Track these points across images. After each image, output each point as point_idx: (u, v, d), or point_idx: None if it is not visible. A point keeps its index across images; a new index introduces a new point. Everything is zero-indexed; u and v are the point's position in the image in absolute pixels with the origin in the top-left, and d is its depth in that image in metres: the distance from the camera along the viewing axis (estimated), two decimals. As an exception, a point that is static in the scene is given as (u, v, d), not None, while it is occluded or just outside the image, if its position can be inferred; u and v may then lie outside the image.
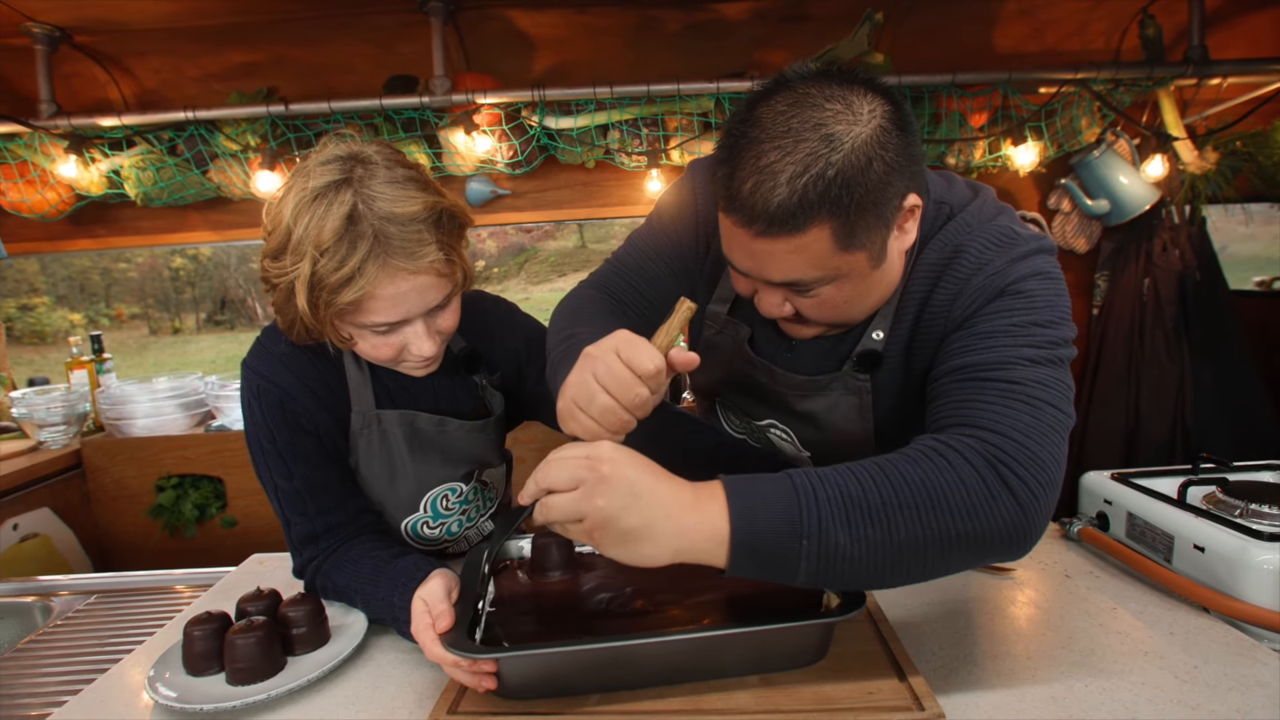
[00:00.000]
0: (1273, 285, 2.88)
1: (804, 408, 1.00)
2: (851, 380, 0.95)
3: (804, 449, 1.06)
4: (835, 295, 0.82)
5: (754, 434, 1.14)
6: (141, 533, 2.43)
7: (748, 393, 1.07)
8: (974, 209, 0.88)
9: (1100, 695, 0.75)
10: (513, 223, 2.67)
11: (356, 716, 0.79)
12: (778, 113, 0.74)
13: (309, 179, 0.85)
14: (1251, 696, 0.73)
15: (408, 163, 0.91)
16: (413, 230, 0.85)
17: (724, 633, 0.75)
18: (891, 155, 0.74)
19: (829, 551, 0.66)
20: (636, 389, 0.70)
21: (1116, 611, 0.92)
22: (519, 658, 0.74)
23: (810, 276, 0.79)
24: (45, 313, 13.36)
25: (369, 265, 0.84)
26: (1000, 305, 0.80)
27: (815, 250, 0.76)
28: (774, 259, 0.78)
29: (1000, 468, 0.69)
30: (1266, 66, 2.31)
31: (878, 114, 0.74)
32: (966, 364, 0.78)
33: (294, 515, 0.99)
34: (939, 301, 0.85)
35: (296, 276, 0.85)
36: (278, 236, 0.86)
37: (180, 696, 0.82)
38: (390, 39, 2.40)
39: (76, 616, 1.18)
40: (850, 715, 0.70)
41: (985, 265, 0.82)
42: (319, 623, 0.93)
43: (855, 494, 0.67)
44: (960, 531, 0.67)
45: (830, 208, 0.73)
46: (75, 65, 2.37)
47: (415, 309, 0.90)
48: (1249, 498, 1.00)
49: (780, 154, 0.73)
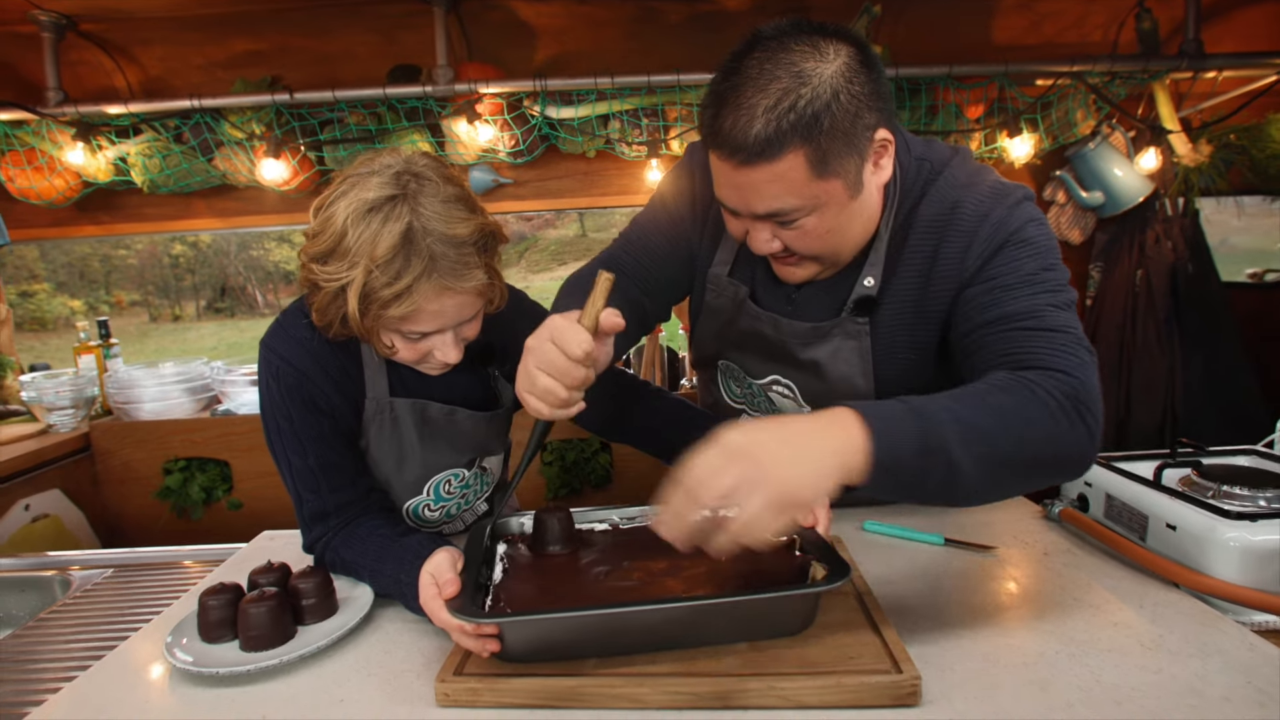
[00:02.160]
0: (1265, 277, 2.92)
1: (807, 356, 1.05)
2: (851, 325, 1.01)
3: (805, 403, 1.11)
4: (818, 225, 0.90)
5: (754, 398, 1.19)
6: (149, 514, 2.48)
7: (751, 349, 1.13)
8: (959, 165, 0.97)
9: (1068, 661, 0.79)
10: (514, 211, 2.71)
11: (367, 679, 0.84)
12: (754, 60, 0.84)
13: (365, 189, 0.89)
14: (1210, 662, 0.78)
15: (454, 179, 0.96)
16: (464, 253, 0.91)
17: (716, 601, 0.79)
18: (857, 89, 0.83)
19: (948, 463, 0.73)
20: (571, 370, 0.80)
21: (1091, 587, 0.96)
22: (521, 623, 0.78)
23: (790, 205, 0.87)
24: (45, 299, 13.38)
25: (421, 283, 0.89)
26: (1010, 255, 0.90)
27: (792, 178, 0.85)
28: (756, 189, 0.87)
29: (1075, 401, 0.79)
30: (1261, 60, 2.34)
31: (843, 54, 0.83)
32: (1004, 314, 0.88)
33: (306, 492, 1.03)
34: (950, 253, 0.93)
35: (349, 283, 0.89)
36: (327, 240, 0.90)
37: (196, 661, 0.87)
38: (393, 28, 2.42)
39: (95, 589, 1.22)
40: (832, 677, 0.74)
41: (987, 215, 0.92)
42: (327, 594, 0.98)
43: (967, 419, 0.75)
44: (1048, 455, 0.78)
45: (802, 134, 0.82)
46: (81, 53, 2.39)
47: (451, 322, 0.96)
48: (1221, 480, 1.04)
49: (756, 91, 0.82)
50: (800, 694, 0.73)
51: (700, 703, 0.74)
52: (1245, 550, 0.90)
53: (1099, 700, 0.72)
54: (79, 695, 0.84)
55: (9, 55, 2.39)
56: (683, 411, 1.20)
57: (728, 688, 0.74)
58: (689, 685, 0.75)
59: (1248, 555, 0.90)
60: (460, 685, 0.77)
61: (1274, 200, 2.71)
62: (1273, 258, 2.94)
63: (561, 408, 0.82)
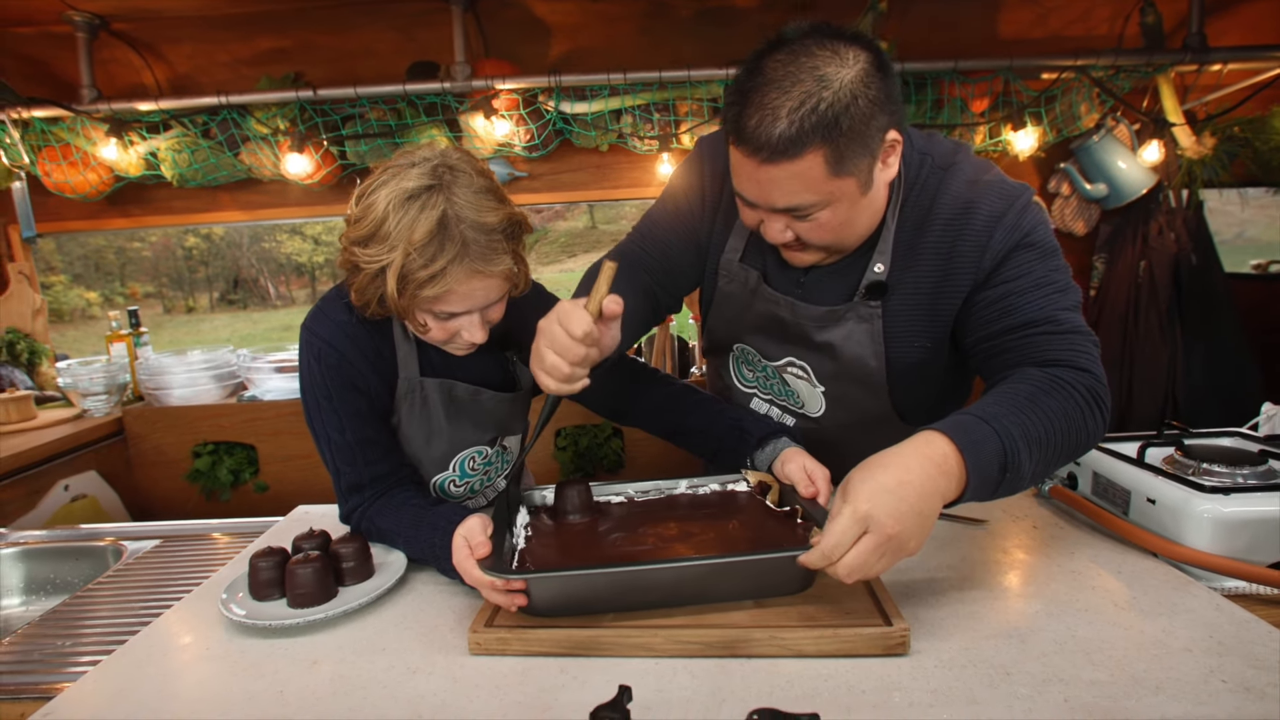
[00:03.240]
0: (1269, 269, 2.95)
1: (823, 338, 1.12)
2: (864, 308, 1.08)
3: (819, 383, 1.18)
4: (831, 219, 0.96)
5: (768, 380, 1.25)
6: (180, 495, 2.58)
7: (768, 332, 1.19)
8: (965, 162, 1.05)
9: (1046, 618, 0.86)
10: (529, 203, 2.78)
11: (404, 632, 0.92)
12: (778, 62, 0.89)
13: (405, 179, 0.97)
14: (1177, 620, 0.85)
15: (485, 171, 1.04)
16: (493, 240, 0.99)
17: (724, 560, 0.86)
18: (874, 93, 0.89)
19: (1018, 477, 0.85)
20: (573, 348, 0.88)
21: (1074, 555, 1.03)
22: (546, 579, 0.86)
23: (807, 201, 0.94)
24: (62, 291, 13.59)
25: (453, 267, 0.97)
26: (1021, 258, 0.99)
27: (811, 175, 0.91)
28: (776, 184, 0.93)
29: (1095, 396, 0.92)
30: (1264, 54, 2.37)
31: (861, 59, 0.89)
32: (1024, 321, 0.98)
33: (344, 465, 1.11)
34: (965, 251, 1.01)
35: (388, 265, 0.97)
36: (368, 225, 0.98)
37: (249, 615, 0.95)
38: (412, 25, 2.49)
39: (146, 558, 1.32)
40: (830, 630, 0.82)
41: (1000, 218, 0.99)
42: (365, 558, 1.06)
43: (1032, 430, 0.86)
44: (1079, 447, 0.93)
45: (822, 136, 0.87)
46: (113, 51, 2.48)
47: (479, 304, 1.04)
48: (1202, 458, 1.10)
49: (780, 93, 0.88)
50: (800, 644, 0.81)
51: (708, 651, 0.82)
52: (1217, 521, 0.96)
53: (1071, 651, 0.79)
54: (145, 645, 0.93)
55: (45, 54, 2.49)
56: (690, 395, 1.27)
57: (734, 637, 0.82)
58: (698, 635, 0.82)
59: (1219, 526, 0.96)
60: (490, 635, 0.85)
61: (1277, 192, 2.74)
62: (1276, 249, 2.96)
63: (565, 383, 0.90)
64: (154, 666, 0.87)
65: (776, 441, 1.14)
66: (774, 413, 1.27)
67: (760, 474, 1.12)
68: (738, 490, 1.13)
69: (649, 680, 0.78)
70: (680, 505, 1.10)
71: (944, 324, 1.06)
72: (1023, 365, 0.96)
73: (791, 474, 1.06)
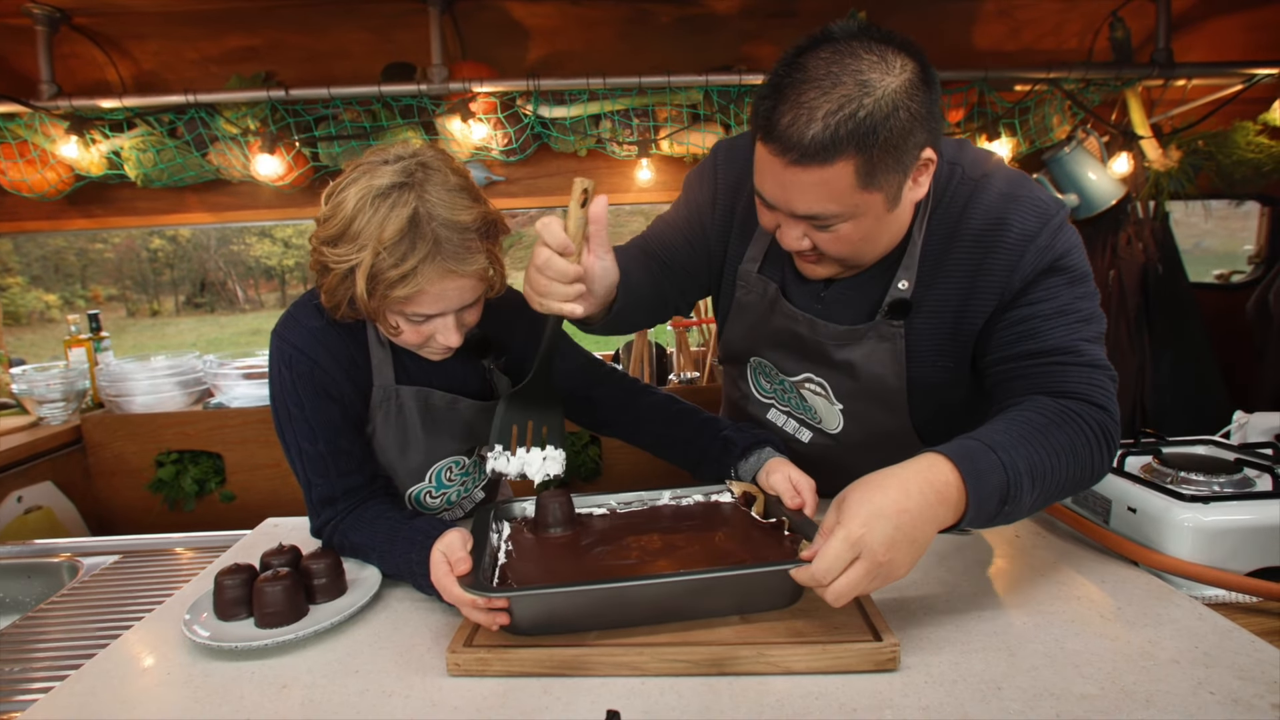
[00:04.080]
0: (1231, 278, 3.03)
1: (842, 357, 1.09)
2: (886, 328, 1.04)
3: (837, 400, 1.14)
4: (852, 233, 0.92)
5: (785, 393, 1.22)
6: (141, 506, 2.49)
7: (786, 347, 1.16)
8: (998, 174, 1.00)
9: (1034, 630, 0.86)
10: (506, 208, 2.74)
11: (379, 652, 0.88)
12: (820, 59, 0.84)
13: (376, 177, 0.93)
14: (1162, 630, 0.85)
15: (460, 169, 1.01)
16: (467, 238, 0.96)
17: (712, 575, 0.84)
18: (916, 107, 0.85)
19: (1016, 509, 0.84)
20: (553, 261, 0.85)
21: (1057, 565, 1.03)
22: (529, 597, 0.83)
23: (830, 211, 0.89)
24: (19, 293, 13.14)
25: (425, 266, 0.93)
26: (1050, 282, 0.95)
27: (838, 185, 0.86)
28: (801, 189, 0.88)
29: (1106, 434, 0.91)
30: (1228, 70, 2.44)
31: (908, 69, 0.84)
32: (1043, 349, 0.95)
33: (316, 477, 1.07)
34: (994, 268, 0.97)
35: (357, 265, 0.94)
36: (337, 224, 0.94)
37: (213, 636, 0.91)
38: (388, 26, 2.45)
39: (103, 575, 1.25)
40: (819, 646, 0.80)
41: (1033, 238, 0.95)
42: (338, 574, 1.02)
43: (1038, 464, 0.84)
44: (1082, 483, 0.91)
45: (857, 145, 0.83)
46: (74, 46, 2.40)
47: (453, 305, 1.00)
48: (1179, 467, 1.11)
49: (819, 93, 0.83)
50: (788, 660, 0.79)
51: (695, 669, 0.80)
52: (1198, 530, 0.97)
53: (1060, 664, 0.79)
54: (101, 670, 0.88)
55: (2, 48, 2.39)
56: (672, 405, 1.25)
57: (721, 655, 0.80)
58: (685, 654, 0.80)
59: (1200, 535, 0.97)
60: (470, 655, 0.82)
61: (1239, 204, 2.82)
62: (1238, 260, 3.05)
63: (551, 299, 0.87)
64: (110, 693, 0.83)
65: (760, 451, 1.13)
66: (791, 425, 1.24)
67: (745, 484, 1.11)
68: (722, 501, 1.11)
69: (635, 701, 0.76)
70: (664, 517, 1.07)
71: (967, 342, 1.03)
72: (1037, 393, 0.93)
73: (776, 484, 1.04)
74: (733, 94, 2.36)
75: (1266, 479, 1.06)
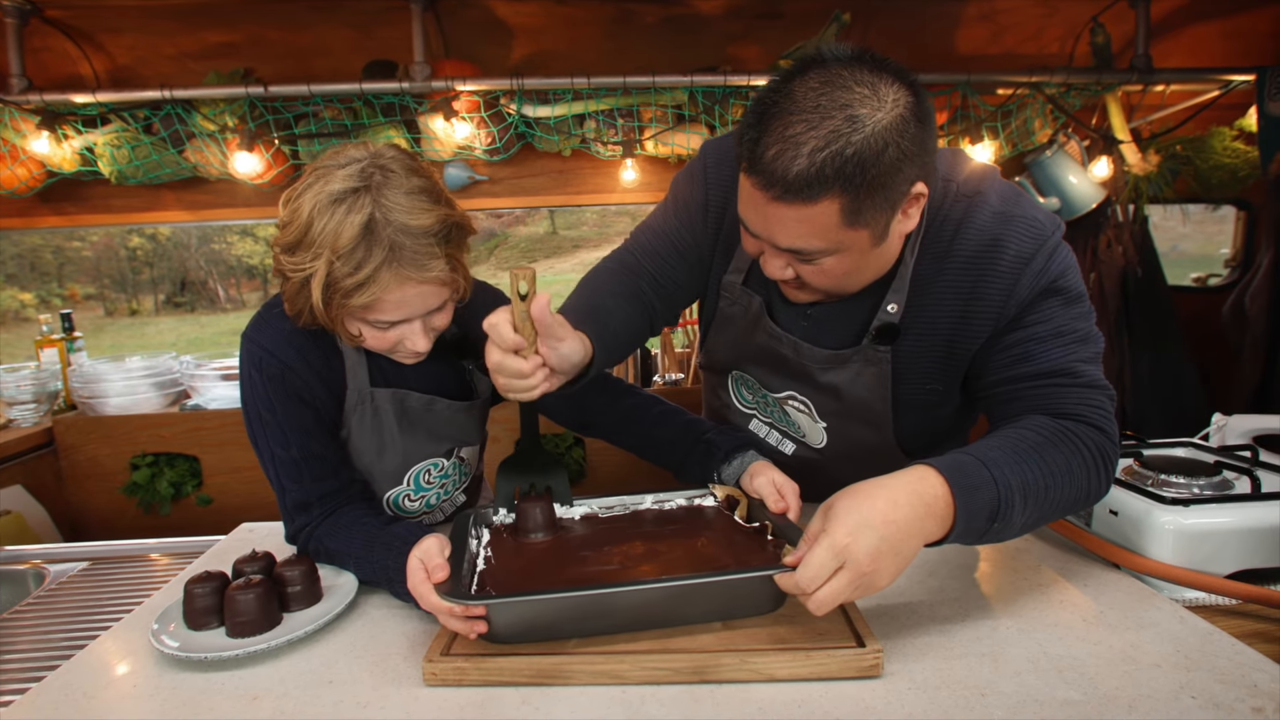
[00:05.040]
0: (1208, 282, 3.07)
1: (827, 380, 1.07)
2: (872, 352, 1.02)
3: (820, 419, 1.13)
4: (835, 267, 0.90)
5: (767, 406, 1.21)
6: (115, 510, 2.44)
7: (768, 366, 1.14)
8: (992, 191, 0.97)
9: (1017, 634, 0.85)
10: (489, 208, 2.72)
11: (354, 662, 0.86)
12: (809, 88, 0.80)
13: (331, 181, 0.91)
14: (1144, 634, 0.85)
15: (422, 170, 0.97)
16: (424, 243, 0.93)
17: (693, 581, 0.83)
18: (907, 144, 0.81)
19: (1006, 527, 0.82)
20: (506, 362, 0.84)
21: (1040, 569, 1.03)
22: (508, 604, 0.81)
23: (814, 247, 0.87)
24: (-7, 291, 12.87)
25: (382, 273, 0.91)
26: (1047, 304, 0.94)
27: (822, 222, 0.84)
28: (784, 225, 0.86)
29: (1104, 456, 0.89)
30: (1206, 76, 2.47)
31: (901, 103, 0.80)
32: (1041, 371, 0.93)
33: (289, 483, 1.05)
34: (991, 293, 0.95)
35: (312, 273, 0.91)
36: (294, 231, 0.92)
37: (183, 646, 0.88)
38: (370, 23, 2.42)
39: (70, 582, 1.22)
40: (802, 653, 0.79)
41: (1029, 261, 0.93)
42: (313, 581, 1.00)
43: (1031, 482, 0.82)
44: (1076, 504, 0.89)
45: (843, 184, 0.80)
46: (46, 40, 2.34)
47: (416, 311, 0.98)
48: (1160, 469, 1.12)
49: (806, 127, 0.79)
50: (771, 668, 0.78)
51: (677, 677, 0.79)
52: (1179, 533, 0.97)
53: (1043, 669, 0.78)
54: (64, 683, 0.85)
55: (-31, 40, 2.33)
56: (655, 406, 1.23)
57: (703, 663, 0.79)
58: (666, 661, 0.79)
59: (1180, 538, 0.97)
60: (447, 665, 0.80)
61: (1216, 208, 2.86)
62: (1215, 263, 3.09)
63: (515, 394, 0.87)
64: (73, 706, 0.80)
65: (744, 455, 1.12)
66: (774, 437, 1.23)
67: (728, 488, 1.10)
68: (705, 505, 1.10)
69: (616, 711, 0.74)
70: (646, 521, 1.06)
71: (959, 366, 1.01)
72: (1034, 413, 0.92)
73: (760, 488, 1.04)
74: (718, 95, 2.36)
75: (1245, 481, 1.06)
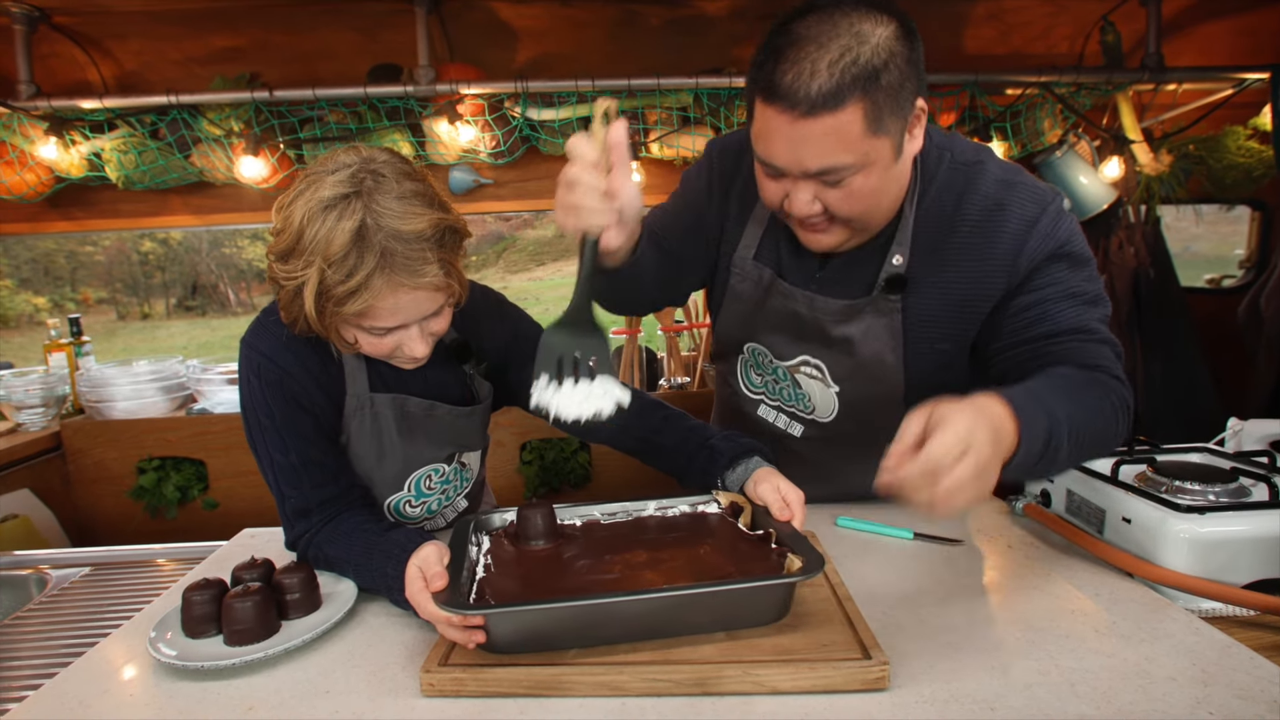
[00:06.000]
0: (1222, 283, 3.03)
1: (840, 333, 1.10)
2: (883, 302, 1.06)
3: (833, 383, 1.15)
4: (864, 184, 0.93)
5: (777, 384, 1.22)
6: (122, 514, 2.45)
7: (782, 330, 1.17)
8: (993, 163, 1.04)
9: (1027, 646, 0.83)
10: (494, 211, 2.72)
11: (352, 671, 0.85)
12: (809, 24, 0.88)
13: (321, 188, 0.89)
14: (1158, 646, 0.82)
15: (415, 174, 0.96)
16: (417, 249, 0.91)
17: (695, 591, 0.81)
18: (908, 53, 0.89)
19: (1054, 460, 0.86)
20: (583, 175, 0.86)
21: (1051, 577, 1.01)
22: (506, 614, 0.80)
23: (843, 162, 0.90)
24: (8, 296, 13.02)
25: (374, 279, 0.89)
26: (1056, 268, 1.00)
27: (850, 132, 0.88)
28: (813, 143, 0.89)
29: (1125, 404, 0.95)
30: (1218, 74, 2.43)
31: (892, 24, 0.89)
32: (1059, 330, 0.99)
33: (289, 489, 1.04)
34: (1000, 254, 1.01)
35: (304, 282, 0.90)
36: (286, 239, 0.91)
37: (180, 655, 0.87)
38: (374, 27, 2.42)
39: (72, 588, 1.22)
40: (806, 665, 0.77)
41: (1035, 223, 0.99)
42: (311, 589, 0.99)
43: (1074, 416, 0.87)
44: (1108, 441, 0.95)
45: (862, 89, 0.86)
46: (54, 46, 2.36)
47: (412, 317, 0.96)
48: (1173, 475, 1.09)
49: (817, 48, 0.87)
50: (775, 680, 0.77)
51: (679, 689, 0.77)
52: (1194, 541, 0.95)
53: (1055, 683, 0.76)
54: (60, 691, 0.84)
55: (-22, 47, 2.35)
56: (658, 410, 1.22)
57: (705, 675, 0.77)
58: (668, 673, 0.77)
59: (1195, 546, 0.95)
60: (445, 675, 0.79)
61: (1230, 209, 2.82)
62: (1229, 264, 3.05)
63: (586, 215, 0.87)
64: (69, 715, 0.79)
65: (748, 461, 1.10)
66: (782, 420, 1.24)
67: (732, 495, 1.08)
68: (709, 512, 1.08)
69: (615, 724, 0.73)
70: (649, 528, 1.05)
71: (970, 328, 1.05)
72: (1059, 365, 0.96)
73: (764, 495, 1.02)
74: (723, 96, 2.34)
75: (1263, 488, 1.04)
